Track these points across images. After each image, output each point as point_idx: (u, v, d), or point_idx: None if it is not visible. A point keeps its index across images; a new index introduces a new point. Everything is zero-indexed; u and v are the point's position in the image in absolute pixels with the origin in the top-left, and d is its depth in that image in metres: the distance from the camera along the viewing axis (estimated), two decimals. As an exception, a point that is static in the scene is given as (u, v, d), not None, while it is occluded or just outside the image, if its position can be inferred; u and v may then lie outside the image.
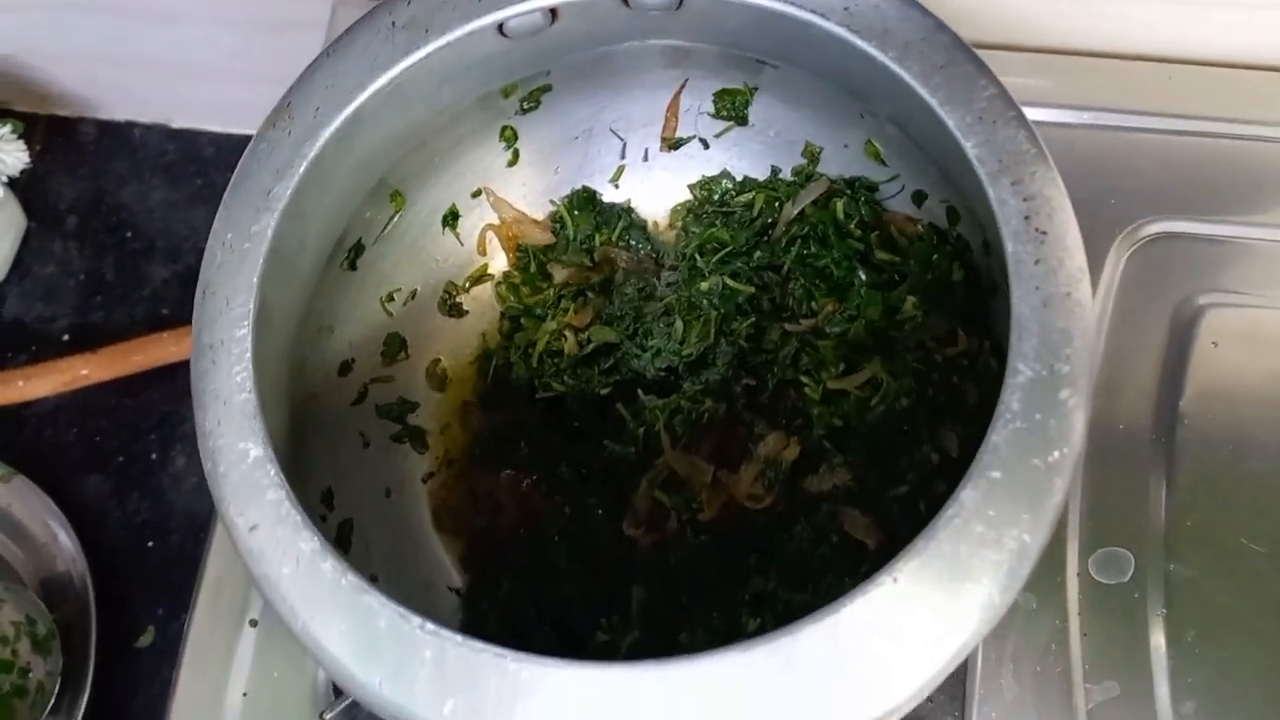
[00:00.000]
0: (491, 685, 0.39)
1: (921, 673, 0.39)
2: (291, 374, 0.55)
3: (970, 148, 0.43)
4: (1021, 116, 0.44)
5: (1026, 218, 0.42)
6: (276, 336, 0.52)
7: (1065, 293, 0.41)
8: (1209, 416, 0.63)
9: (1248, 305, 0.65)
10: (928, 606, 0.39)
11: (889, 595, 0.39)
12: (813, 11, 0.47)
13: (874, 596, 0.39)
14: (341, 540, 0.57)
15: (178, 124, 1.01)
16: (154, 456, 0.91)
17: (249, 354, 0.46)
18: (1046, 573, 0.61)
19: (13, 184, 0.89)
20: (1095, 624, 0.60)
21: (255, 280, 0.47)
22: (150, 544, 0.88)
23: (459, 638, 0.40)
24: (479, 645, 0.40)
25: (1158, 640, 0.59)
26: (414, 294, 0.64)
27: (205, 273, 0.48)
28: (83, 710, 0.78)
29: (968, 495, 0.39)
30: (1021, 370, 0.40)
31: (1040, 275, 0.41)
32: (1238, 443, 0.63)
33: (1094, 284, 0.66)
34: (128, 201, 0.99)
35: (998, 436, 0.40)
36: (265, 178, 0.49)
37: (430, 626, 0.40)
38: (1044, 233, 0.42)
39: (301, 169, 0.49)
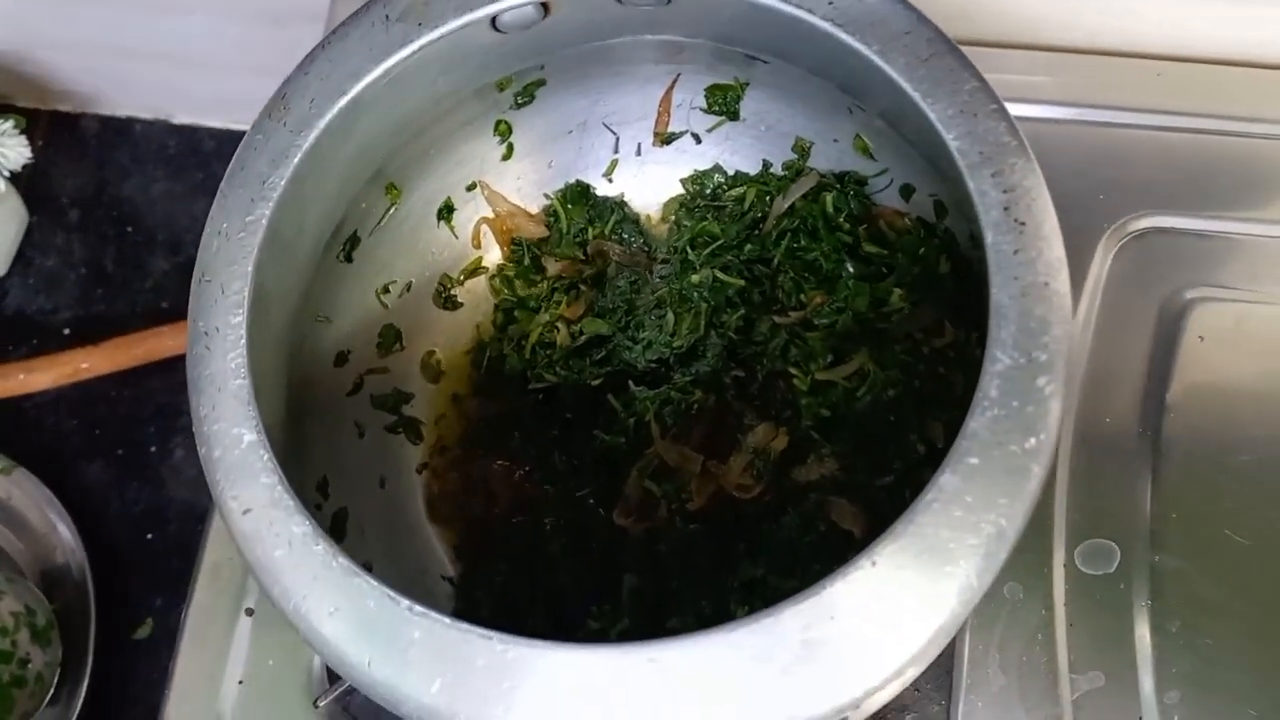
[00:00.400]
0: (479, 665, 0.40)
1: (901, 654, 0.40)
2: (287, 363, 0.55)
3: (952, 139, 0.44)
4: (1002, 109, 0.45)
5: (1006, 208, 0.43)
6: (273, 325, 0.53)
7: (1043, 282, 0.42)
8: (1195, 410, 0.64)
9: (1235, 300, 0.66)
10: (906, 589, 0.39)
11: (868, 578, 0.39)
12: (799, 6, 0.48)
13: (853, 579, 0.39)
14: (336, 529, 0.58)
15: (179, 119, 1.02)
16: (153, 448, 0.92)
17: (244, 340, 0.46)
18: (1033, 564, 0.61)
19: (15, 179, 0.90)
20: (1081, 614, 0.61)
21: (250, 268, 0.48)
22: (149, 535, 0.89)
23: (446, 619, 0.41)
24: (466, 626, 0.41)
25: (1142, 631, 0.60)
26: (409, 286, 0.65)
27: (201, 260, 0.49)
28: (81, 700, 0.79)
29: (946, 480, 0.40)
30: (1000, 358, 0.41)
31: (1019, 265, 0.42)
32: (1223, 436, 0.63)
33: (1083, 278, 0.67)
34: (129, 195, 1.00)
35: (976, 423, 0.40)
36: (261, 167, 0.50)
37: (418, 608, 0.41)
38: (1023, 223, 0.43)
39: (297, 159, 0.50)
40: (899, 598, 0.39)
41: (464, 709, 0.40)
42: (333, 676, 0.62)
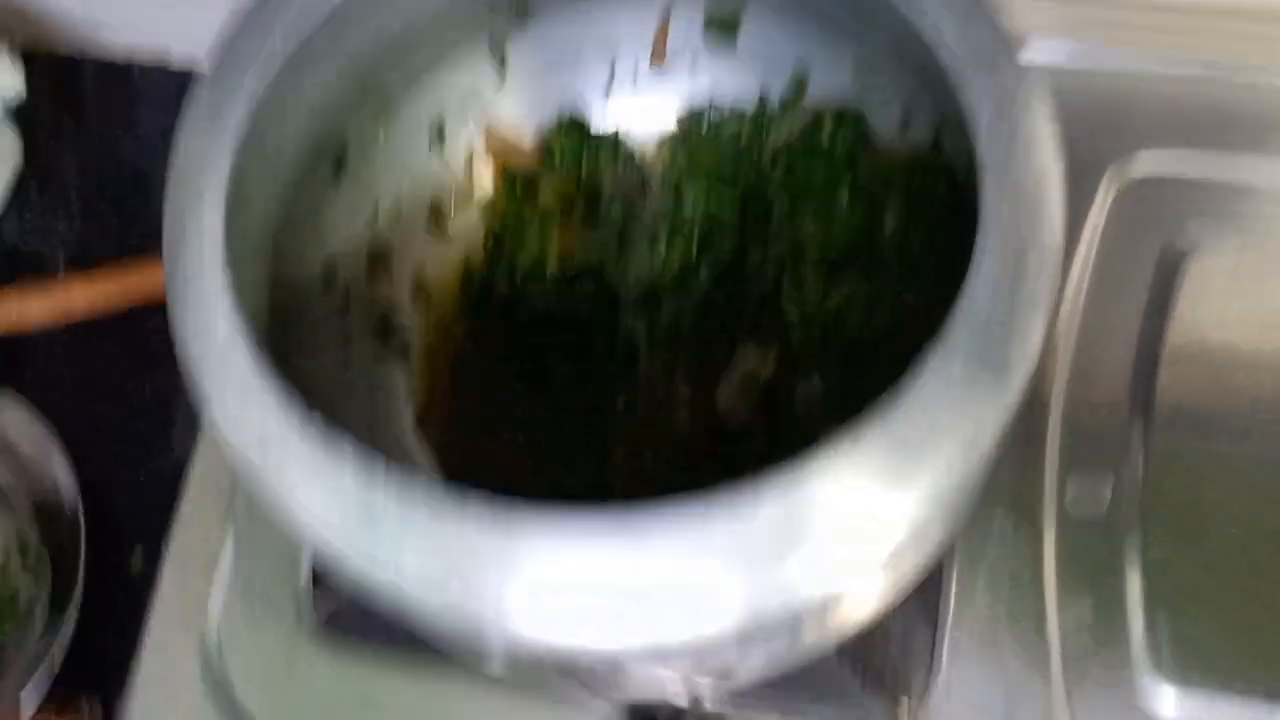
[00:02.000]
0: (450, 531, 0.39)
1: (878, 548, 0.39)
2: (270, 286, 0.55)
3: (945, 41, 0.44)
4: (995, 14, 0.44)
5: (998, 112, 0.42)
6: (253, 243, 0.52)
7: (1033, 189, 0.41)
8: (1190, 358, 0.64)
9: (1236, 249, 0.66)
10: (879, 483, 0.39)
11: (838, 469, 0.39)
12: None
13: (824, 470, 0.39)
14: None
15: (178, 61, 1.01)
16: (151, 388, 0.91)
17: (221, 239, 0.46)
18: (1022, 501, 0.62)
19: (11, 116, 0.90)
20: (1070, 552, 0.61)
21: (227, 171, 0.47)
22: (143, 473, 0.89)
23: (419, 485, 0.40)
24: (439, 489, 0.40)
25: (1133, 565, 0.60)
26: (398, 213, 0.64)
27: (176, 162, 0.48)
28: (70, 633, 0.79)
29: (923, 384, 0.39)
30: (986, 266, 0.41)
31: (1010, 169, 0.42)
32: (1218, 386, 0.64)
33: (1080, 224, 0.67)
34: (127, 137, 1.00)
35: (958, 330, 0.40)
36: (241, 74, 0.49)
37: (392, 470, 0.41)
38: (1014, 128, 0.42)
39: (277, 69, 0.49)
40: (871, 491, 0.39)
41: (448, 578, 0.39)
42: (318, 598, 0.62)
